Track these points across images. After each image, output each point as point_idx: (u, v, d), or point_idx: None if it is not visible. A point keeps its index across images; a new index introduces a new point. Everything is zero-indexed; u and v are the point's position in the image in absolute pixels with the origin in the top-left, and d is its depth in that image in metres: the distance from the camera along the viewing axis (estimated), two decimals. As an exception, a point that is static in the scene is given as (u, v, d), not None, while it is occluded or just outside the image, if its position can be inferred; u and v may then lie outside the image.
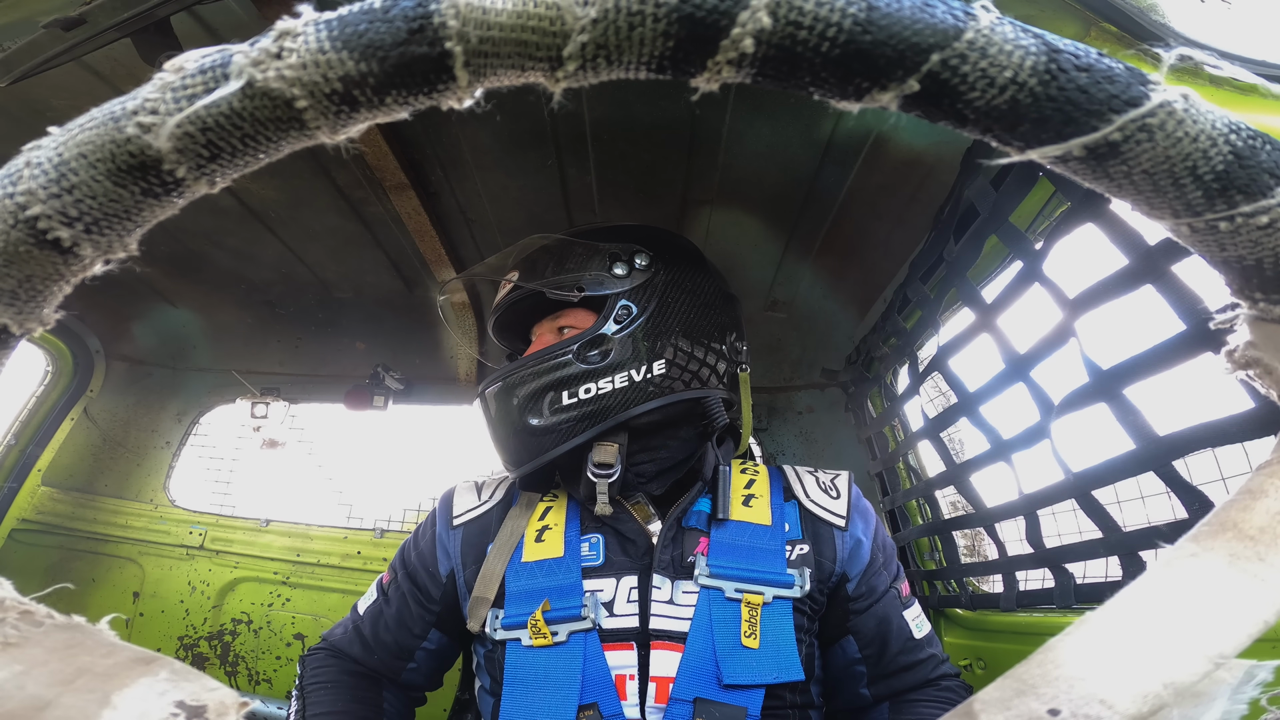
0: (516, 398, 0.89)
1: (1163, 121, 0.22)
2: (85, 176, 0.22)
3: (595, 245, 0.95)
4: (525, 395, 0.88)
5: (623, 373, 0.86)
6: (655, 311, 0.89)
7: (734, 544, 0.86)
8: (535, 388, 0.87)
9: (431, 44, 0.21)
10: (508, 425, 0.91)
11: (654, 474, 0.91)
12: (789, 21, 0.21)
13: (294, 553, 1.86)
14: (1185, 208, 0.24)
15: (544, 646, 0.78)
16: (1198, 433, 0.63)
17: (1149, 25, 0.61)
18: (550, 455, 0.87)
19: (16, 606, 0.22)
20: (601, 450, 0.86)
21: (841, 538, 0.89)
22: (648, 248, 0.94)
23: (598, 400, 0.85)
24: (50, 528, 1.90)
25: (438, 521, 0.98)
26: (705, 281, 0.95)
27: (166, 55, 0.23)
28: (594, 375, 0.86)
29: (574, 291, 0.90)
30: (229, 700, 0.20)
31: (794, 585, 0.83)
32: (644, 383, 0.86)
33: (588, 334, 0.87)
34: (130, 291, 1.80)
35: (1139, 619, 0.21)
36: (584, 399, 0.85)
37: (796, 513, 0.91)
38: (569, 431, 0.86)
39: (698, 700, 0.74)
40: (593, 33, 0.21)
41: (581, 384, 0.86)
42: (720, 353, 0.93)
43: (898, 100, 0.23)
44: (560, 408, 0.86)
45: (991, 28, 0.22)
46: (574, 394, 0.85)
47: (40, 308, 0.25)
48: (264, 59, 0.21)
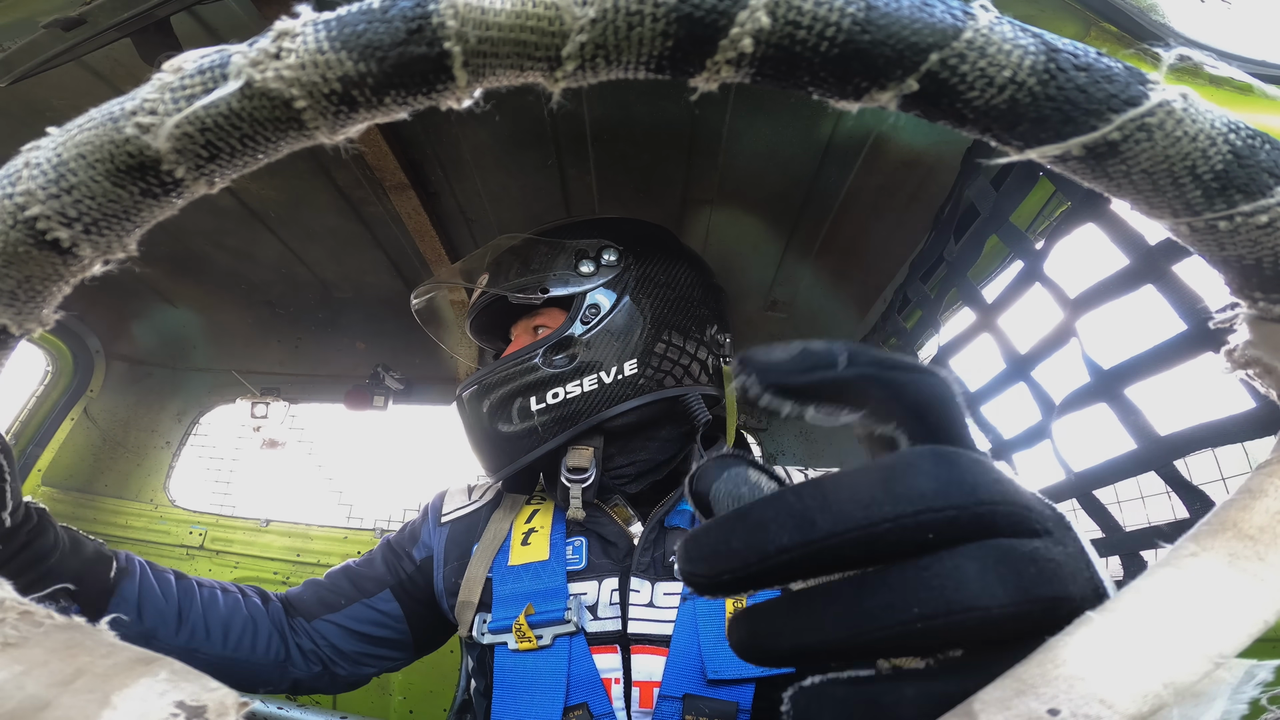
0: (488, 403, 0.87)
1: (1162, 121, 0.22)
2: (84, 177, 0.22)
3: (561, 243, 0.92)
4: (495, 401, 0.87)
5: (591, 375, 0.84)
6: (625, 308, 0.87)
7: None
8: (504, 393, 0.86)
9: (430, 44, 0.21)
10: (480, 431, 0.89)
11: (633, 476, 0.89)
12: (787, 21, 0.21)
13: (294, 553, 1.86)
14: (1185, 207, 0.24)
15: (529, 650, 0.78)
16: (1199, 432, 0.63)
17: (1149, 25, 0.61)
18: (522, 462, 0.85)
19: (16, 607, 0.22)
20: (575, 454, 0.85)
21: None
22: (617, 242, 0.91)
23: (566, 405, 0.84)
24: (50, 528, 1.90)
25: (428, 517, 0.97)
26: (682, 273, 0.93)
27: (165, 55, 0.23)
28: (561, 379, 0.84)
29: (538, 293, 0.88)
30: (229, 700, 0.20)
31: None
32: (615, 384, 0.84)
33: (554, 337, 0.86)
34: (130, 291, 1.80)
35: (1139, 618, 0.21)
36: (552, 404, 0.84)
37: None
38: (540, 437, 0.84)
39: (686, 697, 0.73)
40: (591, 33, 0.21)
41: (549, 389, 0.84)
42: (700, 346, 0.90)
43: (897, 100, 0.23)
44: (529, 413, 0.84)
45: (990, 27, 0.22)
46: (541, 399, 0.84)
47: (39, 308, 0.26)
48: (262, 59, 0.21)
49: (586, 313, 0.86)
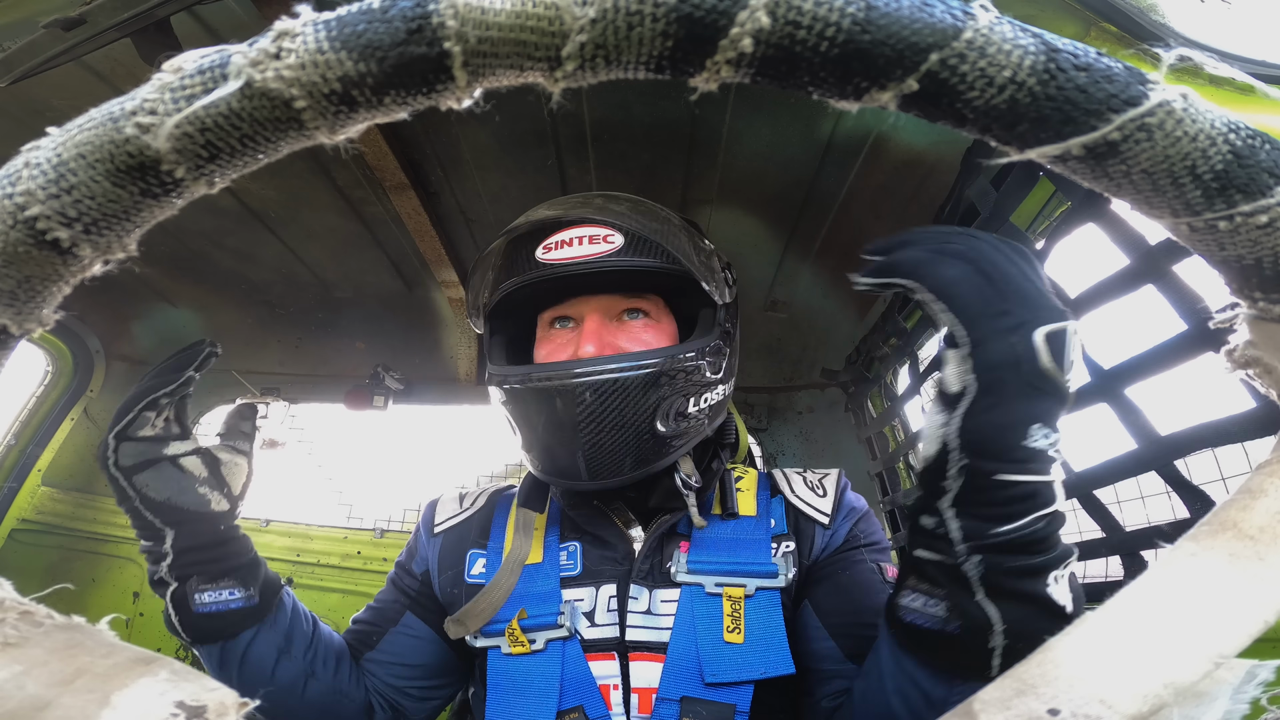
0: (645, 397, 0.74)
1: (1162, 121, 0.22)
2: (84, 177, 0.22)
3: (701, 243, 0.84)
4: (656, 396, 0.74)
5: (727, 385, 0.84)
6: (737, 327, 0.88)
7: (716, 539, 0.84)
8: (670, 390, 0.75)
9: (430, 44, 0.21)
10: (619, 428, 0.74)
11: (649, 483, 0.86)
12: (787, 21, 0.21)
13: (294, 553, 1.86)
14: (1185, 207, 0.24)
15: (522, 654, 0.77)
16: (1199, 432, 0.63)
17: (1149, 25, 0.61)
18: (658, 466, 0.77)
19: (16, 607, 0.22)
20: (686, 462, 0.82)
21: (823, 534, 0.85)
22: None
23: (713, 411, 0.81)
24: (50, 528, 1.90)
25: (421, 530, 0.96)
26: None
27: (165, 55, 0.23)
28: (712, 385, 0.80)
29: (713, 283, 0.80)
30: (229, 700, 0.20)
31: (778, 574, 0.80)
32: (724, 400, 0.85)
33: (710, 339, 0.79)
34: (130, 291, 1.80)
35: (1139, 619, 0.21)
36: (702, 409, 0.79)
37: (782, 508, 0.88)
38: (682, 444, 0.78)
39: (684, 699, 0.73)
40: (591, 33, 0.21)
41: (704, 393, 0.79)
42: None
43: (897, 100, 0.23)
44: (685, 415, 0.77)
45: (990, 27, 0.22)
46: (698, 402, 0.78)
47: (39, 308, 0.25)
48: (262, 59, 0.21)
49: (727, 325, 0.83)
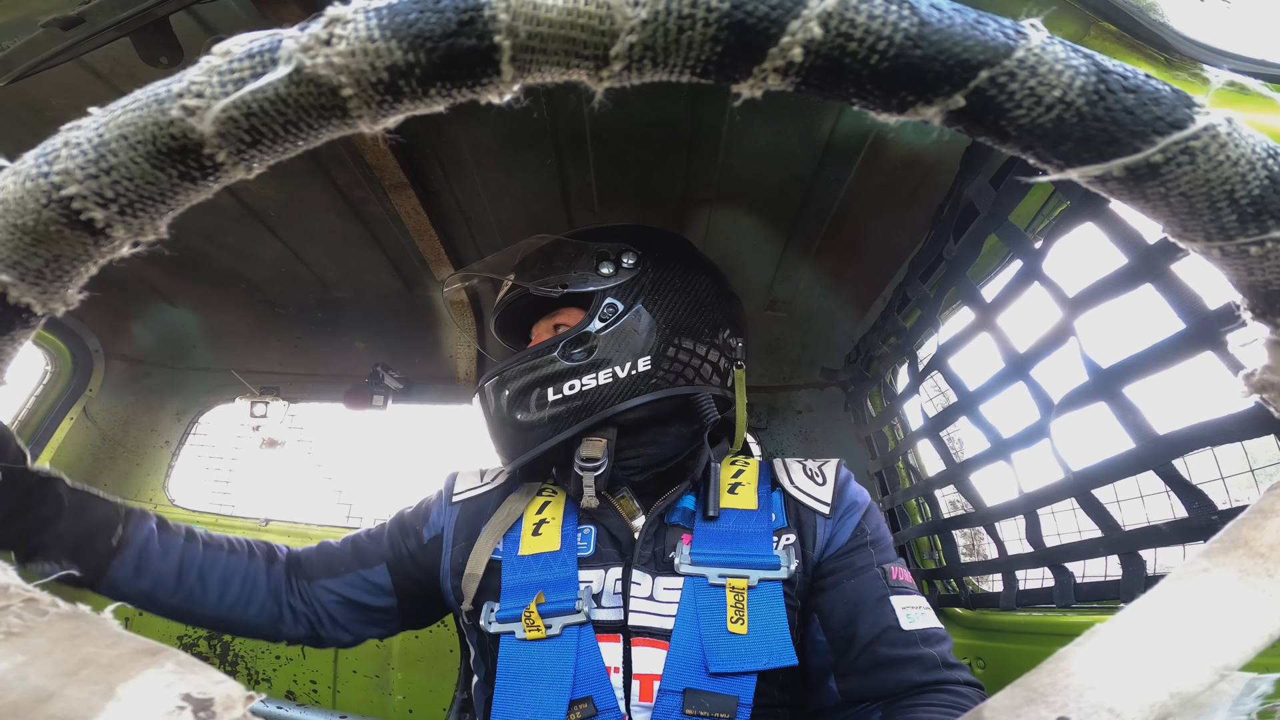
0: (507, 393, 0.92)
1: (1205, 145, 0.22)
2: (125, 158, 0.22)
3: (584, 245, 0.97)
4: (514, 391, 0.92)
5: (606, 369, 0.88)
6: (640, 309, 0.91)
7: (718, 531, 0.85)
8: (523, 384, 0.91)
9: (480, 37, 0.21)
10: (499, 420, 0.94)
11: (640, 468, 0.92)
12: (840, 33, 0.21)
13: (294, 552, 1.86)
14: (1218, 231, 0.23)
15: (537, 640, 0.78)
16: (1197, 431, 0.63)
17: (1148, 25, 0.61)
18: (539, 449, 0.90)
19: (21, 594, 0.22)
20: (589, 445, 0.89)
21: (824, 524, 0.87)
22: (637, 247, 0.95)
23: (581, 396, 0.88)
24: (50, 527, 1.90)
25: (441, 495, 1.01)
26: (697, 279, 0.96)
27: (214, 39, 0.23)
28: (578, 372, 0.89)
29: (557, 289, 0.93)
30: (236, 693, 0.20)
31: (780, 566, 0.81)
32: (628, 380, 0.88)
33: (573, 332, 0.90)
34: (130, 291, 1.80)
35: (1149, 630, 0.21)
36: (568, 395, 0.88)
37: (781, 500, 0.90)
38: (555, 427, 0.89)
39: (687, 691, 0.73)
40: (642, 34, 0.21)
41: (565, 380, 0.89)
42: (712, 349, 0.94)
43: (942, 115, 0.23)
44: (546, 403, 0.89)
45: (1043, 47, 0.21)
46: (559, 390, 0.89)
47: (65, 288, 0.26)
48: (313, 45, 0.21)
49: (604, 311, 0.91)
